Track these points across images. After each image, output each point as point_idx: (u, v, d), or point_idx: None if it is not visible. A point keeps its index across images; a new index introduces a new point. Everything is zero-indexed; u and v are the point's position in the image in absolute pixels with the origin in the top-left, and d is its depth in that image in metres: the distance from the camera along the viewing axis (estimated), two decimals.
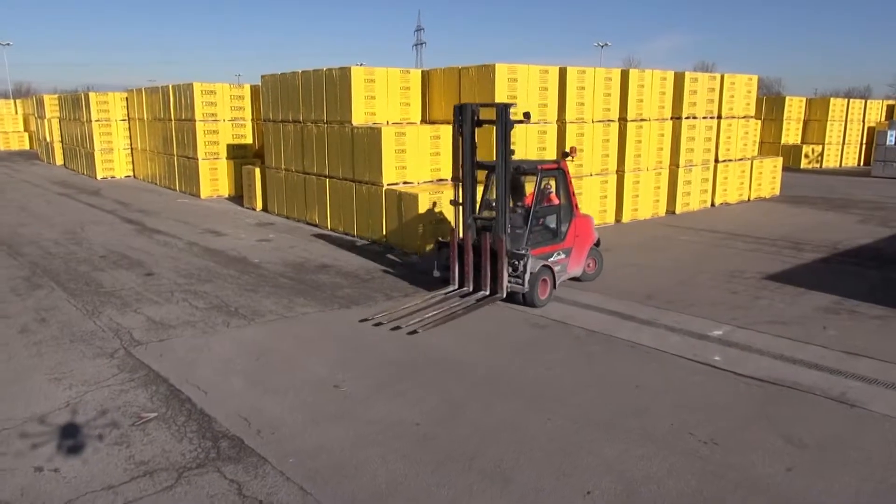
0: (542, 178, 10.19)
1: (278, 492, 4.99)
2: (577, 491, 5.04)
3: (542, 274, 9.64)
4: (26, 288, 10.73)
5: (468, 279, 9.98)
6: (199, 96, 21.67)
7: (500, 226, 9.55)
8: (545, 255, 9.97)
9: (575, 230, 10.66)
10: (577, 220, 10.76)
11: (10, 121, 49.61)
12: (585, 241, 10.94)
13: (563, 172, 10.53)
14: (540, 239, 10.11)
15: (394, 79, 15.45)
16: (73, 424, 6.03)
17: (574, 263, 10.70)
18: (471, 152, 9.89)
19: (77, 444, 5.67)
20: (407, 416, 6.31)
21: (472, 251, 9.86)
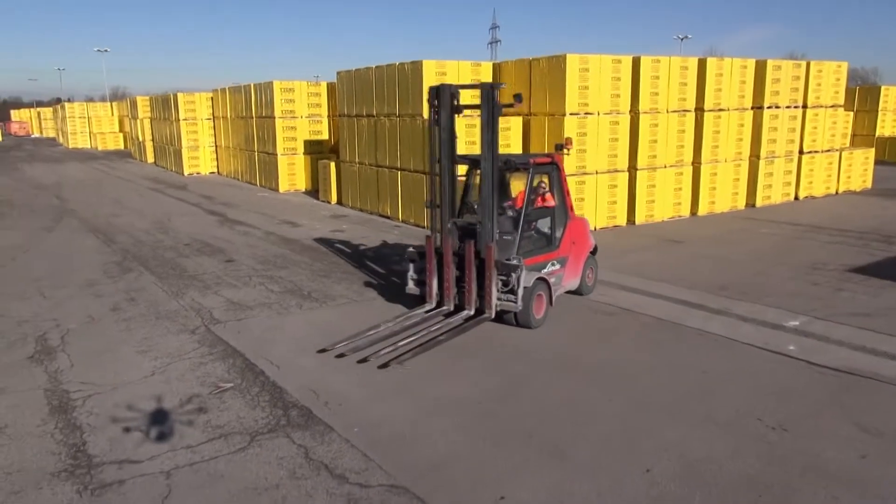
0: (534, 174, 8.62)
1: (342, 457, 5.20)
2: (634, 469, 5.02)
3: (538, 288, 8.13)
4: (118, 271, 11.47)
5: (448, 296, 8.42)
6: (278, 94, 22.49)
7: (487, 231, 7.95)
8: (539, 265, 8.49)
9: (571, 236, 9.17)
10: (572, 224, 9.28)
11: (106, 122, 52.87)
12: (582, 248, 9.47)
13: (558, 168, 9.12)
14: (532, 247, 8.61)
15: (465, 71, 15.58)
16: (156, 392, 6.44)
17: (570, 274, 9.20)
18: (449, 143, 8.34)
19: (159, 408, 6.07)
20: (469, 394, 6.42)
21: (452, 262, 8.30)
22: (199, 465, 5.07)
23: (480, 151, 8.08)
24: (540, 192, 9.01)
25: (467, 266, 8.12)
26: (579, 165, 14.47)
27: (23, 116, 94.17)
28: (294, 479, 4.90)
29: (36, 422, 5.82)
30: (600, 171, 14.78)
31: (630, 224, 15.42)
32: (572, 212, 9.42)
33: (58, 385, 6.61)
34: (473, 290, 8.17)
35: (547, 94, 14.58)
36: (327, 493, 4.71)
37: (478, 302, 8.20)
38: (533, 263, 8.37)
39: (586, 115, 14.39)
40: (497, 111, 7.88)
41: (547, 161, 9.00)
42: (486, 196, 8.00)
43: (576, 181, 14.44)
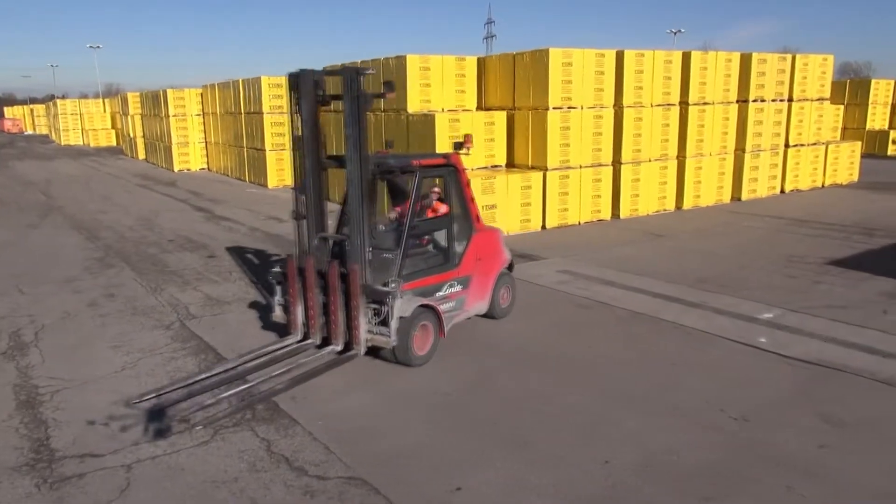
0: (421, 178, 7.21)
1: (304, 450, 5.22)
2: (594, 459, 5.05)
3: (420, 318, 6.75)
4: (99, 267, 11.47)
5: (314, 327, 7.09)
6: (266, 89, 22.46)
7: (355, 248, 6.71)
8: (429, 288, 7.23)
9: (476, 251, 7.85)
10: (478, 236, 7.92)
11: (99, 119, 52.73)
12: (492, 264, 8.19)
13: (456, 170, 7.67)
14: (422, 266, 7.33)
15: (449, 66, 15.57)
16: (124, 387, 6.45)
17: (476, 296, 7.92)
18: (314, 140, 6.93)
19: (126, 403, 6.07)
20: (438, 386, 6.44)
21: (317, 286, 6.96)
22: (161, 459, 5.09)
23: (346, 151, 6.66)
24: (432, 199, 7.83)
25: (331, 291, 6.76)
26: (563, 160, 14.48)
27: (16, 113, 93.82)
28: (254, 471, 4.92)
29: (2, 417, 5.83)
30: (584, 165, 14.80)
31: (615, 218, 15.44)
32: (479, 222, 8.01)
33: (27, 380, 6.62)
34: (340, 320, 6.79)
35: (531, 89, 14.58)
36: (285, 486, 4.73)
37: (347, 335, 6.84)
38: (421, 286, 7.09)
39: (570, 110, 14.40)
40: (364, 102, 6.56)
41: (440, 162, 7.62)
42: (353, 206, 6.67)
43: (559, 175, 14.48)
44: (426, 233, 7.70)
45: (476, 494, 4.63)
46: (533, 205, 14.24)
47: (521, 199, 14.07)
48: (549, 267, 11.17)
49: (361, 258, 6.67)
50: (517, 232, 13.99)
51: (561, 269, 11.00)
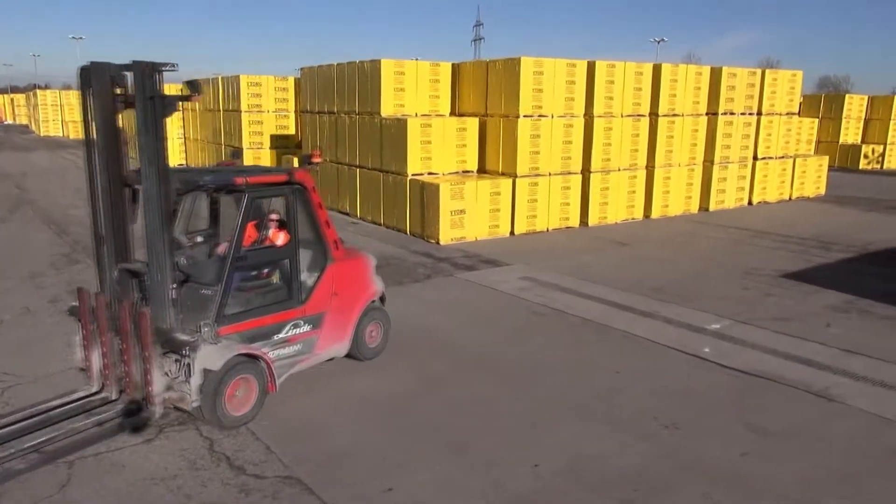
0: (252, 200, 6.03)
1: (245, 449, 5.37)
2: (525, 463, 5.25)
3: (236, 371, 5.65)
4: (64, 263, 11.51)
5: (109, 377, 5.94)
6: (245, 87, 22.46)
7: (154, 285, 5.58)
8: (265, 330, 6.17)
9: (332, 284, 6.80)
10: (336, 267, 6.84)
11: (78, 110, 52.16)
12: (354, 299, 7.12)
13: (303, 190, 6.48)
14: (256, 304, 6.21)
15: (423, 71, 15.74)
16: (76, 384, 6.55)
17: (332, 336, 6.81)
18: (110, 149, 5.79)
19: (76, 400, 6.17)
20: (385, 390, 6.61)
21: (111, 329, 5.84)
22: (103, 456, 5.21)
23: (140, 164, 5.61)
24: (269, 225, 6.60)
25: (123, 337, 5.65)
26: (532, 167, 14.71)
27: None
28: (193, 469, 5.07)
29: None
30: (553, 172, 15.04)
31: (583, 226, 15.70)
32: (337, 250, 6.88)
33: None
34: (135, 372, 5.64)
35: (502, 96, 14.79)
36: (222, 484, 4.88)
37: (144, 389, 5.61)
38: (254, 328, 6.09)
39: (540, 118, 14.63)
40: (162, 105, 5.51)
41: (278, 180, 6.35)
42: (150, 231, 5.51)
43: (528, 182, 14.71)
44: (258, 265, 6.39)
45: (406, 495, 4.81)
46: (502, 211, 14.45)
47: (490, 204, 14.27)
48: (512, 273, 11.38)
49: (163, 296, 5.50)
50: (485, 237, 14.20)
51: (522, 275, 11.21)
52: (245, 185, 5.98)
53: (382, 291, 7.67)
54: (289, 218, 6.46)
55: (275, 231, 6.58)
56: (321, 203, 6.74)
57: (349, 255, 7.25)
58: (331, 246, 6.84)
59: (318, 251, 6.83)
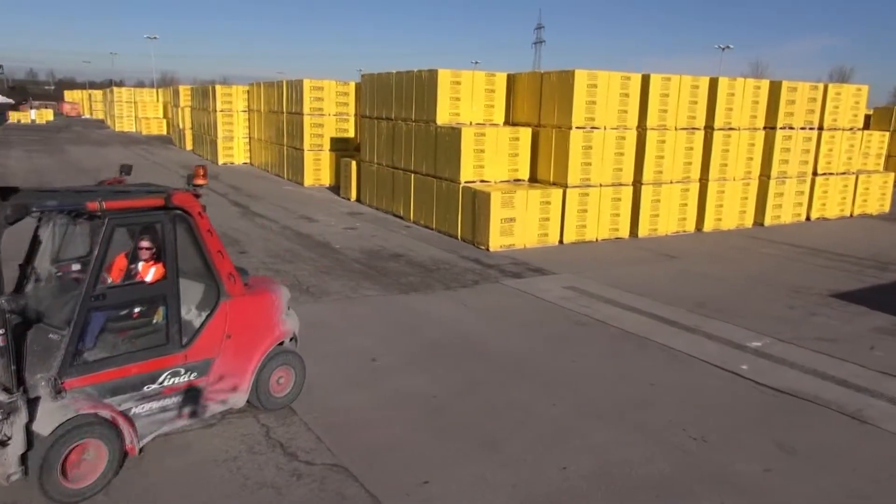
0: (112, 228, 5.20)
1: (297, 438, 5.88)
2: (554, 465, 5.59)
3: (73, 436, 4.83)
4: None
5: None
6: (308, 92, 23.35)
7: None
8: (134, 380, 5.37)
9: (224, 325, 5.89)
10: (232, 304, 5.93)
11: (151, 108, 54.72)
12: (254, 341, 6.20)
13: (186, 215, 5.64)
14: (122, 349, 5.37)
15: (479, 81, 16.15)
16: None
17: (223, 385, 5.92)
18: None
19: None
20: (427, 389, 7.04)
21: None
22: (171, 437, 5.79)
23: None
24: (141, 257, 5.66)
25: None
26: (584, 178, 14.93)
27: (75, 98, 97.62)
28: (251, 453, 5.60)
29: None
30: (604, 184, 15.21)
31: (633, 237, 15.81)
32: (233, 283, 5.94)
33: None
34: None
35: (555, 108, 15.05)
36: (276, 468, 5.39)
37: None
38: (119, 378, 5.26)
39: (592, 130, 14.84)
40: None
41: (151, 204, 5.44)
42: None
43: (579, 192, 14.93)
44: (122, 305, 5.48)
45: (440, 487, 5.22)
46: (551, 220, 14.71)
47: (540, 213, 14.55)
48: (557, 282, 11.66)
49: None
50: (534, 245, 14.50)
51: (567, 285, 11.48)
52: (101, 209, 5.03)
53: (294, 331, 6.70)
54: (165, 248, 5.52)
55: (146, 265, 5.64)
56: (211, 229, 5.80)
57: (251, 290, 6.26)
58: (224, 279, 5.86)
59: (208, 286, 5.87)
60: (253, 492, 5.07)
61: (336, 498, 5.02)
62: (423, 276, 11.77)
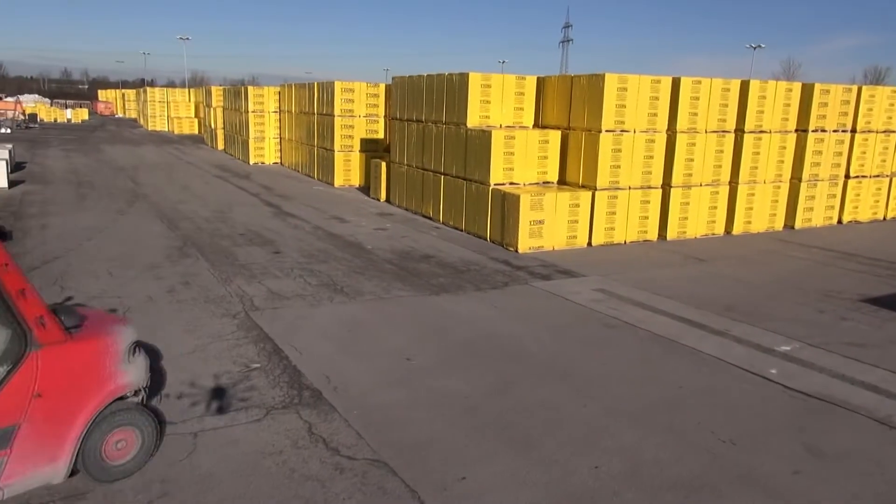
0: None
1: (339, 434, 6.14)
2: (585, 464, 5.77)
3: None
4: (178, 256, 12.78)
5: None
6: (339, 93, 23.72)
7: None
8: None
9: (31, 382, 4.78)
10: (43, 355, 4.82)
11: (183, 108, 55.74)
12: (77, 400, 5.06)
13: None
14: None
15: (509, 85, 16.32)
16: (195, 367, 7.54)
17: (31, 458, 4.82)
18: None
19: (194, 381, 7.14)
20: (461, 389, 7.26)
21: None
22: (221, 431, 6.10)
23: None
24: None
25: None
26: (613, 180, 15.04)
27: (109, 97, 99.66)
28: (296, 447, 5.87)
29: None
30: (633, 186, 15.30)
31: (661, 239, 15.87)
32: (44, 330, 4.84)
33: None
34: None
35: (585, 111, 15.17)
36: (320, 462, 5.66)
37: None
38: None
39: (622, 133, 14.93)
40: None
41: None
42: None
43: (608, 195, 15.04)
44: None
45: (477, 483, 5.44)
46: (580, 222, 14.84)
47: (569, 216, 14.69)
48: (586, 285, 11.81)
49: None
50: (563, 247, 14.64)
51: (596, 287, 11.62)
52: None
53: (140, 383, 5.52)
54: None
55: None
56: (9, 262, 4.88)
57: (76, 335, 5.08)
58: (32, 325, 4.77)
59: (9, 334, 4.76)
60: (299, 483, 5.34)
61: (377, 492, 5.27)
62: (453, 278, 12.00)
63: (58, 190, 20.76)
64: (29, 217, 16.07)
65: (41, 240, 13.63)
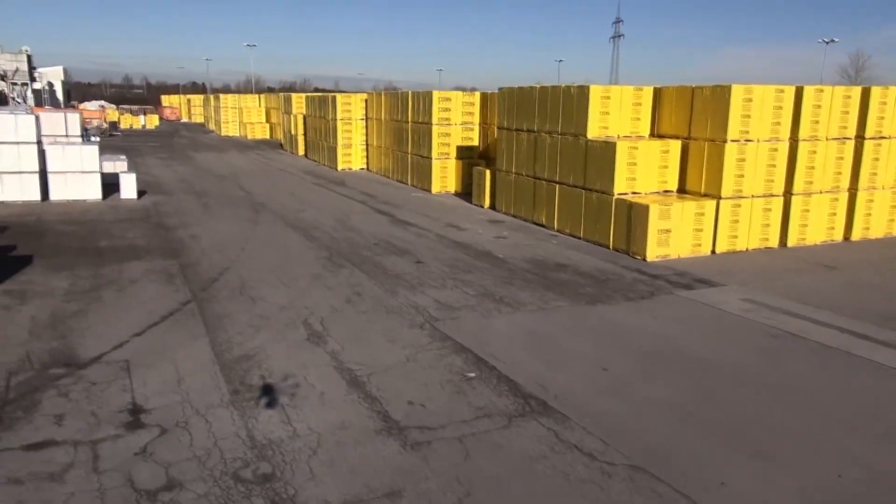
0: None
1: (585, 441, 6.74)
2: (827, 472, 6.25)
3: None
4: (332, 266, 13.60)
5: None
6: (436, 103, 24.43)
7: None
8: None
9: None
10: None
11: (255, 113, 57.44)
12: None
13: None
14: None
15: (627, 96, 16.74)
16: (419, 375, 8.24)
17: None
18: None
19: (427, 388, 7.84)
20: (669, 397, 7.79)
21: None
22: (480, 436, 6.76)
23: None
24: None
25: None
26: (736, 189, 15.33)
27: (172, 102, 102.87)
28: (554, 453, 6.50)
29: (342, 392, 7.74)
30: (756, 195, 15.57)
31: (781, 246, 16.08)
32: None
33: (341, 363, 8.56)
34: None
35: (708, 121, 15.49)
36: (584, 466, 6.26)
37: None
38: None
39: (746, 142, 15.22)
40: None
41: None
42: None
43: (731, 203, 15.34)
44: None
45: (736, 488, 5.97)
46: (704, 230, 15.18)
47: (694, 224, 15.05)
48: (730, 294, 12.19)
49: None
50: (687, 255, 15.01)
51: (742, 297, 11.99)
52: None
53: None
54: None
55: None
56: None
57: None
58: None
59: None
60: (578, 485, 5.96)
61: (652, 495, 5.85)
62: (598, 287, 12.51)
63: (181, 200, 21.96)
64: (174, 228, 17.16)
65: (200, 250, 14.62)
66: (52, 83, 70.27)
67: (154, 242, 15.32)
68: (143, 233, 16.38)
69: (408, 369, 8.43)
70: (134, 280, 12.13)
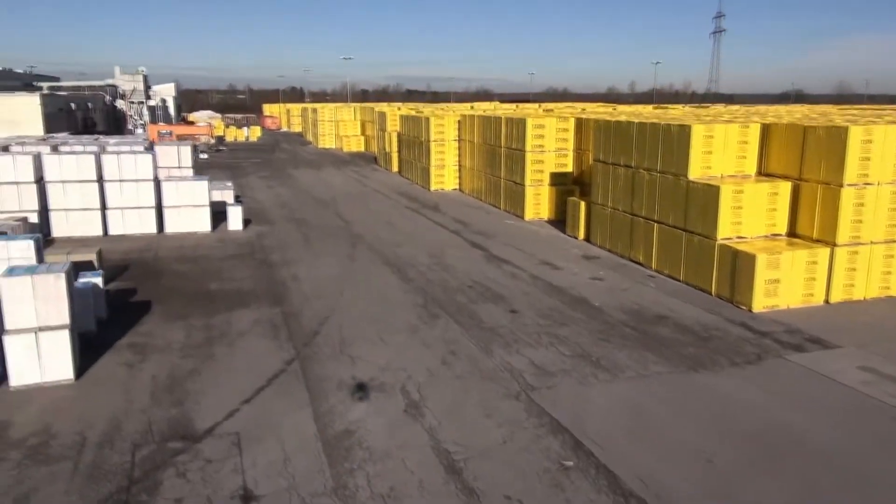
0: None
1: None
2: None
3: None
4: (428, 317, 13.78)
5: None
6: (531, 130, 24.29)
7: None
8: None
9: None
10: None
11: (350, 126, 59.06)
12: None
13: None
14: None
15: (732, 134, 16.04)
16: (516, 463, 8.24)
17: None
18: None
19: (524, 478, 7.81)
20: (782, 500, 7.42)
21: None
22: None
23: None
24: None
25: None
26: (854, 235, 14.39)
27: (273, 111, 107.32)
28: None
29: (439, 480, 7.85)
30: (876, 241, 14.56)
31: None
32: None
33: (438, 443, 8.67)
34: None
35: (822, 162, 14.61)
36: None
37: None
38: None
39: (865, 186, 14.25)
40: None
41: None
42: None
43: (848, 250, 14.41)
44: None
45: None
46: (817, 279, 14.35)
47: (806, 273, 14.25)
48: (846, 360, 11.45)
49: None
50: (798, 305, 14.22)
51: (861, 364, 11.24)
52: None
53: None
54: None
55: None
56: None
57: None
58: None
59: None
60: None
61: None
62: (700, 347, 12.06)
63: (282, 231, 22.88)
64: (277, 266, 17.90)
65: (302, 296, 15.18)
66: (165, 99, 75.00)
67: (260, 286, 16.02)
68: (250, 273, 17.18)
69: (504, 453, 8.44)
70: (242, 333, 12.75)
